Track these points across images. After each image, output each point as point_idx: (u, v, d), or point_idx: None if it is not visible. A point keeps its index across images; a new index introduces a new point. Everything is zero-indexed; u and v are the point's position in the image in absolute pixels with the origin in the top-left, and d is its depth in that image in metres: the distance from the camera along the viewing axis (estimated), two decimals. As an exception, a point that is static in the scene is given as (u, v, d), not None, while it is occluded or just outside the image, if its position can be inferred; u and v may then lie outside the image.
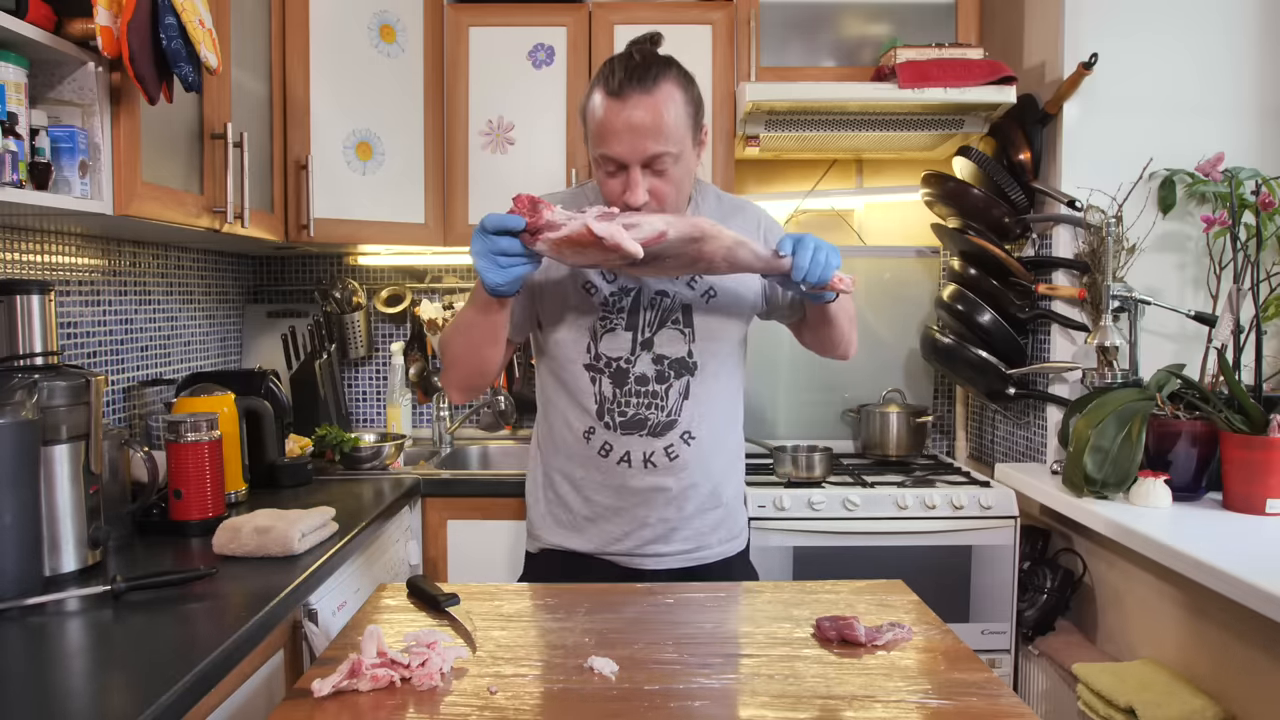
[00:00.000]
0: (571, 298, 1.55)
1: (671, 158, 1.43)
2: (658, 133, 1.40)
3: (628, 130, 1.40)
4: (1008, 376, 2.43)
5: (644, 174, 1.43)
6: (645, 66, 1.42)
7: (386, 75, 2.53)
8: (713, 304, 1.57)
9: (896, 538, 2.32)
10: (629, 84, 1.40)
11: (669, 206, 1.46)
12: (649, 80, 1.41)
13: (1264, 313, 2.10)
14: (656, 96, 1.41)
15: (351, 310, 2.88)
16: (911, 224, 2.97)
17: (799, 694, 1.03)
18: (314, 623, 1.57)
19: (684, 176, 1.47)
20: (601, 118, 1.42)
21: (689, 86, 1.48)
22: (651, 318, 1.55)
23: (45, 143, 1.47)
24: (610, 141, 1.42)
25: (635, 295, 1.55)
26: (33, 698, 1.05)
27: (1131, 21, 2.30)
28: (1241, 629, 1.67)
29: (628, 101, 1.40)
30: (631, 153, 1.41)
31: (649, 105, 1.40)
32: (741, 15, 2.59)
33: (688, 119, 1.45)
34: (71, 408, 1.48)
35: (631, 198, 1.42)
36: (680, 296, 1.56)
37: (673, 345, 1.56)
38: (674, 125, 1.42)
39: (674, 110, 1.42)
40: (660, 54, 1.48)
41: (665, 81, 1.42)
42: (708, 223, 1.34)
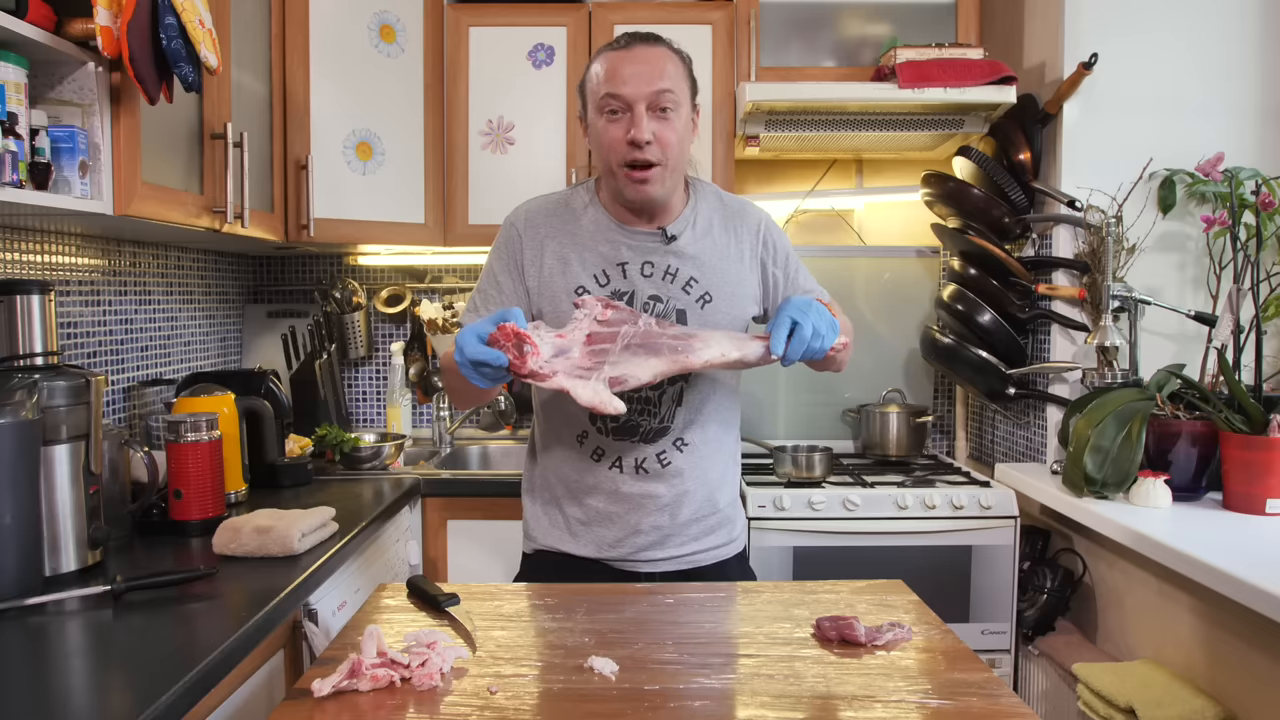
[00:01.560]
0: (564, 303, 1.54)
1: (674, 100, 1.48)
2: (662, 74, 1.47)
3: (634, 70, 1.46)
4: (1008, 376, 2.43)
5: (649, 115, 1.47)
6: (649, 33, 1.53)
7: (386, 75, 2.53)
8: (708, 309, 1.56)
9: (896, 538, 2.32)
10: (633, 39, 1.50)
11: (670, 157, 1.49)
12: (651, 39, 1.52)
13: (1264, 313, 2.10)
14: (659, 49, 1.51)
15: (351, 310, 2.88)
16: (911, 224, 2.97)
17: (799, 694, 1.03)
18: (314, 623, 1.57)
19: (683, 132, 1.51)
20: (608, 67, 1.48)
21: (686, 59, 1.56)
22: None
23: (45, 143, 1.47)
24: (616, 81, 1.47)
25: (629, 299, 1.54)
26: (33, 698, 1.05)
27: (1131, 21, 2.30)
28: (1241, 629, 1.66)
29: (633, 50, 1.48)
30: (637, 89, 1.46)
31: (654, 53, 1.49)
32: (741, 15, 2.59)
33: (686, 80, 1.53)
34: (71, 408, 1.48)
35: (637, 133, 1.45)
36: (675, 302, 1.55)
37: None
38: (676, 73, 1.50)
39: (674, 66, 1.50)
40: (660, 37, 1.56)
41: (665, 47, 1.52)
42: (697, 359, 1.34)
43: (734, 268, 1.59)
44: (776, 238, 1.65)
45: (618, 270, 1.54)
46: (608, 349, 1.26)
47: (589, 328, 1.29)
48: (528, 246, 1.57)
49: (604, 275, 1.54)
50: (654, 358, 1.26)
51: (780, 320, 1.34)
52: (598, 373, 1.20)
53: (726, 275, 1.57)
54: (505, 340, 1.23)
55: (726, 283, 1.57)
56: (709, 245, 1.58)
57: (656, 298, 1.54)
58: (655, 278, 1.55)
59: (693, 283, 1.55)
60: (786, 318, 1.34)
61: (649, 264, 1.55)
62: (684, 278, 1.55)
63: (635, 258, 1.55)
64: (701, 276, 1.56)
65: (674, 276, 1.55)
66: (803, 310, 1.35)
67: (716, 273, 1.57)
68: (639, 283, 1.54)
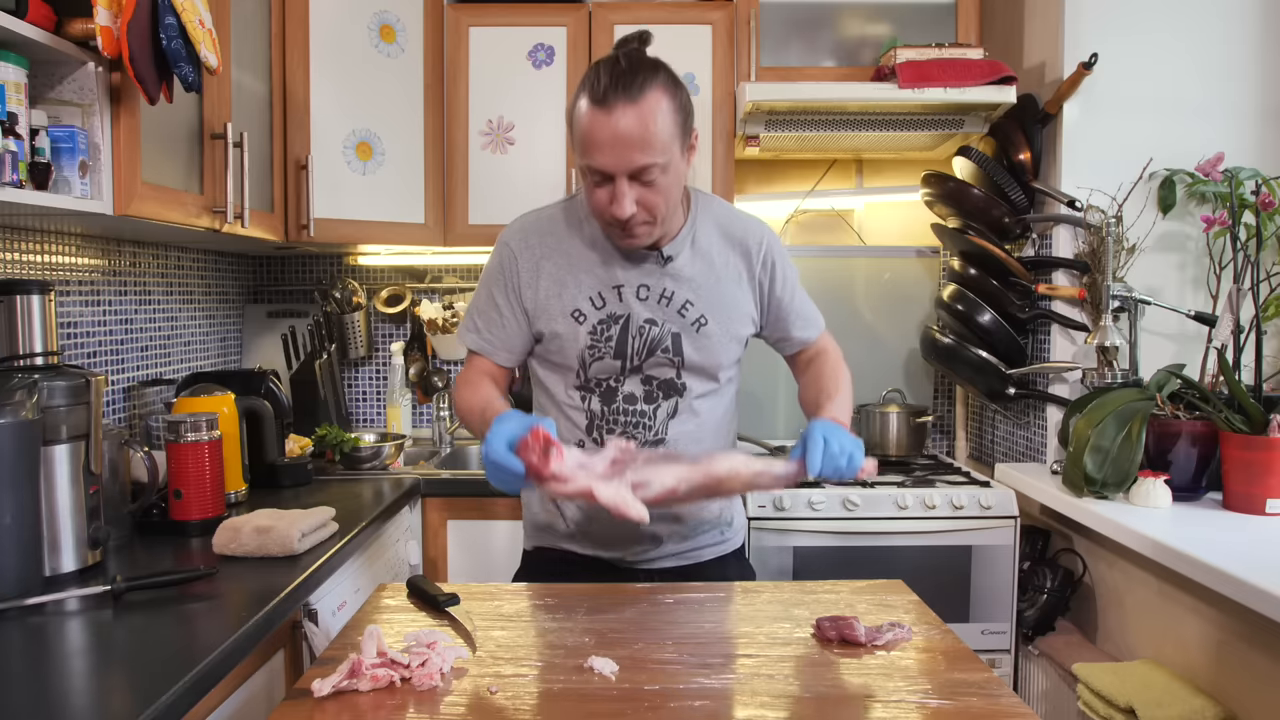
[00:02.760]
0: (561, 323, 1.52)
1: (659, 168, 1.37)
2: (644, 144, 1.35)
3: (613, 141, 1.35)
4: (1008, 376, 2.43)
5: (631, 185, 1.38)
6: (631, 73, 1.36)
7: (386, 75, 2.53)
8: (703, 332, 1.52)
9: (896, 538, 2.32)
10: (614, 92, 1.34)
11: (659, 216, 1.42)
12: (635, 88, 1.34)
13: (1264, 313, 2.10)
14: (643, 105, 1.34)
15: (351, 310, 2.88)
16: (911, 224, 2.97)
17: (799, 694, 1.03)
18: (314, 623, 1.57)
19: (673, 185, 1.42)
20: (586, 127, 1.36)
21: (677, 92, 1.41)
22: (639, 346, 1.51)
23: (45, 143, 1.47)
24: (595, 153, 1.37)
25: (624, 323, 1.51)
26: (33, 698, 1.05)
27: (1131, 21, 2.30)
28: (1241, 629, 1.66)
29: (613, 111, 1.34)
30: (617, 164, 1.36)
31: (635, 115, 1.34)
32: (741, 15, 2.59)
33: (675, 127, 1.39)
34: (71, 408, 1.48)
35: (618, 210, 1.38)
36: (669, 325, 1.52)
37: (661, 370, 1.53)
38: (661, 134, 1.36)
39: (661, 119, 1.36)
40: (649, 57, 1.42)
41: (652, 89, 1.36)
42: (723, 467, 1.29)
43: (731, 288, 1.55)
44: (778, 259, 1.59)
45: (614, 293, 1.51)
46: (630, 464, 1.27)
47: (613, 455, 1.29)
48: (524, 269, 1.53)
49: (600, 298, 1.51)
50: (676, 465, 1.26)
51: (814, 437, 1.30)
52: (620, 478, 1.20)
53: (723, 297, 1.54)
54: (535, 443, 1.23)
55: (723, 305, 1.53)
56: (706, 266, 1.53)
57: (652, 321, 1.51)
58: (651, 301, 1.51)
59: (688, 306, 1.52)
60: (819, 435, 1.30)
61: (645, 287, 1.51)
62: (680, 300, 1.51)
63: (631, 280, 1.51)
64: (697, 299, 1.52)
65: (670, 300, 1.51)
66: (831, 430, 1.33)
67: (713, 295, 1.53)
68: (635, 306, 1.51)
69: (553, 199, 2.58)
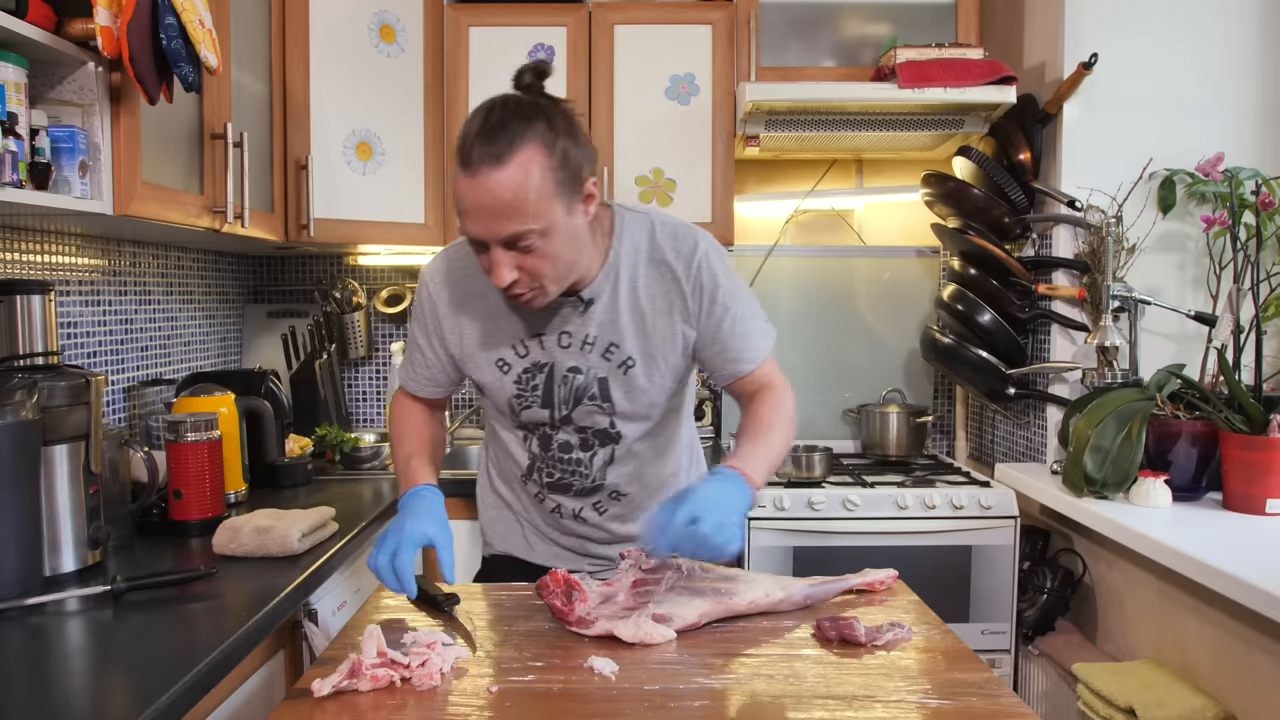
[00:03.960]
0: (486, 372, 1.46)
1: (536, 234, 1.24)
2: (512, 211, 1.22)
3: (480, 210, 1.23)
4: (1008, 376, 2.43)
5: (508, 252, 1.26)
6: (501, 127, 1.23)
7: (386, 75, 2.53)
8: (632, 374, 1.42)
9: (896, 538, 2.32)
10: (481, 153, 1.22)
11: (547, 281, 1.30)
12: (502, 147, 1.21)
13: (1264, 313, 2.10)
14: (510, 169, 1.21)
15: (351, 310, 2.88)
16: (911, 224, 2.97)
17: (799, 694, 1.03)
18: (314, 623, 1.57)
19: (561, 247, 1.28)
20: (456, 192, 1.25)
21: (556, 144, 1.25)
22: (565, 395, 1.44)
23: (45, 143, 1.47)
24: (464, 218, 1.26)
25: (548, 372, 1.43)
26: (33, 698, 1.05)
27: (1131, 21, 2.30)
28: (1241, 629, 1.66)
29: (477, 176, 1.22)
30: (486, 233, 1.25)
31: (500, 181, 1.21)
32: (741, 15, 2.59)
33: (554, 186, 1.24)
34: (71, 408, 1.48)
35: (496, 279, 1.27)
36: (595, 371, 1.42)
37: (592, 418, 1.46)
38: (534, 200, 1.22)
39: (533, 182, 1.22)
40: (530, 102, 1.28)
41: (523, 148, 1.22)
42: (744, 602, 1.26)
43: (660, 321, 1.42)
44: (710, 281, 1.41)
45: (535, 341, 1.43)
46: (652, 591, 1.27)
47: (634, 576, 1.29)
48: (444, 315, 1.47)
49: (523, 346, 1.43)
50: (698, 598, 1.25)
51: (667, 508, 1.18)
52: (641, 611, 1.21)
53: (651, 334, 1.42)
54: (555, 586, 1.24)
55: (652, 342, 1.42)
56: (631, 303, 1.41)
57: (576, 369, 1.43)
58: (573, 348, 1.42)
59: (613, 349, 1.42)
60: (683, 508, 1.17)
61: (565, 334, 1.42)
62: (603, 345, 1.41)
63: (552, 328, 1.42)
64: (621, 340, 1.41)
65: (592, 345, 1.41)
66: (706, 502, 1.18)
67: (638, 333, 1.41)
68: (557, 354, 1.42)
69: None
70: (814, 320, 2.97)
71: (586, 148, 1.31)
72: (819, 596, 1.33)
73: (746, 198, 2.97)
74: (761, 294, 2.96)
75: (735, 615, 1.26)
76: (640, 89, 2.63)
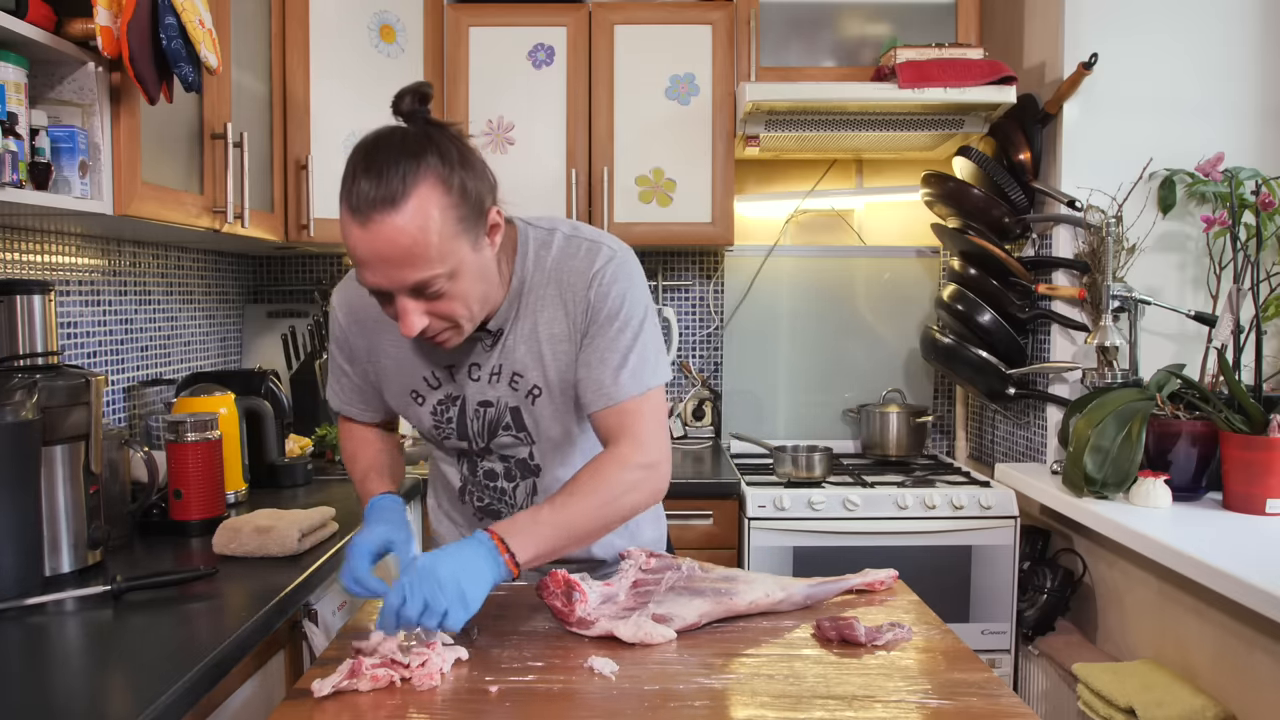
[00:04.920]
0: (402, 401, 1.41)
1: (444, 278, 1.16)
2: (414, 258, 1.13)
3: (377, 259, 1.13)
4: (1008, 376, 2.43)
5: (416, 299, 1.17)
6: (390, 166, 1.12)
7: (387, 75, 2.53)
8: (539, 403, 1.35)
9: (896, 538, 2.32)
10: (371, 200, 1.11)
11: (464, 321, 1.23)
12: (394, 189, 1.11)
13: (1264, 313, 2.10)
14: (405, 213, 1.11)
15: (351, 310, 2.88)
16: (911, 224, 2.97)
17: (799, 694, 1.03)
18: (314, 623, 1.57)
19: (472, 285, 1.20)
20: (346, 240, 1.15)
21: (450, 176, 1.15)
22: (479, 428, 1.38)
23: (45, 143, 1.47)
24: (362, 270, 1.16)
25: (460, 405, 1.38)
26: (33, 698, 1.05)
27: (1131, 21, 2.30)
28: (1241, 629, 1.67)
29: (370, 225, 1.11)
30: (388, 282, 1.15)
31: (398, 228, 1.11)
32: (741, 15, 2.59)
33: (456, 224, 1.15)
34: (71, 408, 1.48)
35: (406, 328, 1.18)
36: (504, 401, 1.36)
37: (514, 449, 1.40)
38: (437, 243, 1.13)
39: (434, 225, 1.12)
40: (414, 135, 1.18)
41: (417, 189, 1.12)
42: (743, 602, 1.26)
43: (562, 347, 1.33)
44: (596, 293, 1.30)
45: (446, 373, 1.37)
46: (652, 591, 1.27)
47: (634, 575, 1.29)
48: (356, 344, 1.41)
49: (435, 378, 1.37)
50: (698, 598, 1.26)
51: (397, 586, 1.10)
52: (641, 610, 1.21)
53: (551, 361, 1.33)
54: (555, 587, 1.23)
55: (553, 369, 1.34)
56: (530, 331, 1.33)
57: (487, 403, 1.36)
58: (482, 380, 1.35)
59: (517, 378, 1.35)
60: (400, 589, 1.09)
61: (475, 365, 1.35)
62: (508, 374, 1.35)
63: (461, 360, 1.35)
64: (526, 369, 1.34)
65: (499, 376, 1.35)
66: (422, 578, 1.09)
67: (541, 361, 1.33)
68: (468, 386, 1.36)
69: (553, 198, 2.62)
70: (814, 320, 2.97)
71: (484, 173, 1.22)
72: (819, 596, 1.33)
73: (746, 198, 2.97)
74: (761, 294, 2.97)
75: (735, 615, 1.27)
76: (640, 89, 2.63)
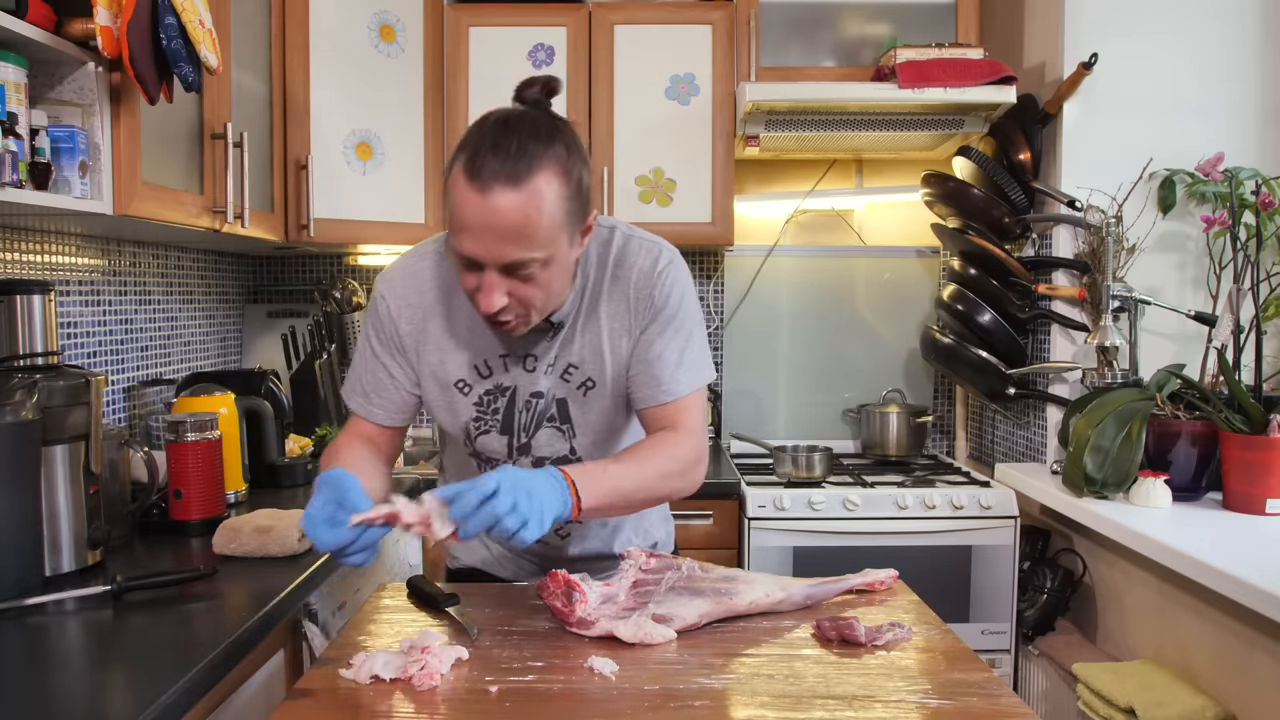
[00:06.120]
0: (445, 394, 1.38)
1: (539, 263, 1.18)
2: (522, 237, 1.15)
3: (486, 229, 1.14)
4: (1008, 376, 2.43)
5: (503, 278, 1.18)
6: (520, 148, 1.15)
7: (386, 75, 2.53)
8: (591, 395, 1.37)
9: (896, 538, 2.32)
10: (496, 172, 1.13)
11: (536, 312, 1.24)
12: (521, 169, 1.13)
13: (1264, 313, 2.10)
14: (527, 192, 1.13)
15: (351, 310, 2.88)
16: (911, 224, 2.97)
17: (799, 694, 1.03)
18: (314, 623, 1.57)
19: (556, 276, 1.22)
20: (457, 204, 1.16)
21: (572, 168, 1.18)
22: (526, 421, 1.37)
23: (45, 143, 1.47)
24: (464, 236, 1.16)
25: (510, 396, 1.36)
26: (33, 698, 1.05)
27: (1131, 21, 2.31)
28: (1241, 629, 1.67)
29: (489, 195, 1.13)
30: (488, 255, 1.16)
31: (516, 205, 1.13)
32: (741, 15, 2.59)
33: (564, 215, 1.18)
34: (71, 408, 1.48)
35: (485, 304, 1.19)
36: (554, 393, 1.36)
37: (553, 445, 1.39)
38: (546, 227, 1.16)
39: (548, 209, 1.15)
40: (548, 120, 1.21)
41: (542, 171, 1.15)
42: (743, 602, 1.25)
43: (620, 342, 1.35)
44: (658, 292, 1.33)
45: (500, 362, 1.35)
46: (652, 591, 1.27)
47: (634, 576, 1.29)
48: (406, 331, 1.37)
49: (485, 367, 1.36)
50: (698, 598, 1.25)
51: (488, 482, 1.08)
52: (641, 610, 1.21)
53: (608, 354, 1.35)
54: (555, 587, 1.23)
55: (609, 363, 1.35)
56: (592, 323, 1.35)
57: (539, 394, 1.36)
58: (538, 372, 1.35)
59: (572, 370, 1.35)
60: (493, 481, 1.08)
61: (531, 357, 1.35)
62: (563, 366, 1.35)
63: (518, 349, 1.35)
64: (583, 362, 1.35)
65: (554, 367, 1.36)
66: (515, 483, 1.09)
67: (598, 355, 1.35)
68: (521, 377, 1.36)
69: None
70: (814, 320, 2.97)
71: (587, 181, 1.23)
72: (819, 596, 1.33)
73: (746, 198, 2.97)
74: (761, 294, 2.97)
75: (735, 615, 1.26)
76: (640, 89, 2.63)
